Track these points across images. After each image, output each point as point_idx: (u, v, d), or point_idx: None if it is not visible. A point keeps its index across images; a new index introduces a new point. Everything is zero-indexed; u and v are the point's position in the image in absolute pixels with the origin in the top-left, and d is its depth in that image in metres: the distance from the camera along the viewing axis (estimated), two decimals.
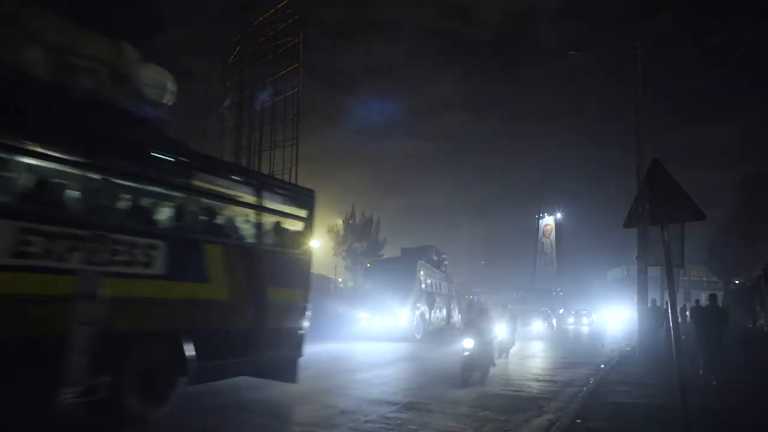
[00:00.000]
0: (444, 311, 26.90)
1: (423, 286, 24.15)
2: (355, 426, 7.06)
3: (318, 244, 33.23)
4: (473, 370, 11.08)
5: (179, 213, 7.39)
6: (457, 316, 29.90)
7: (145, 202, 7.20)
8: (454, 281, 32.52)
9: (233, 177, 8.73)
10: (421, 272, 24.40)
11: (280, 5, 28.32)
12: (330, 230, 41.57)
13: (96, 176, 6.34)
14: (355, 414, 7.75)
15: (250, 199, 8.48)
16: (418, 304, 23.00)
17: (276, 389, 9.02)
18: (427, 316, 23.73)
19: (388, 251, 40.17)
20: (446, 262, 30.75)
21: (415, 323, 22.43)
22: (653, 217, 5.79)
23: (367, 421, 7.34)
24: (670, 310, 5.95)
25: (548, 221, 66.10)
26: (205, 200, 7.82)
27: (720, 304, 13.20)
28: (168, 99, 7.57)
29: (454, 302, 28.92)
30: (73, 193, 6.29)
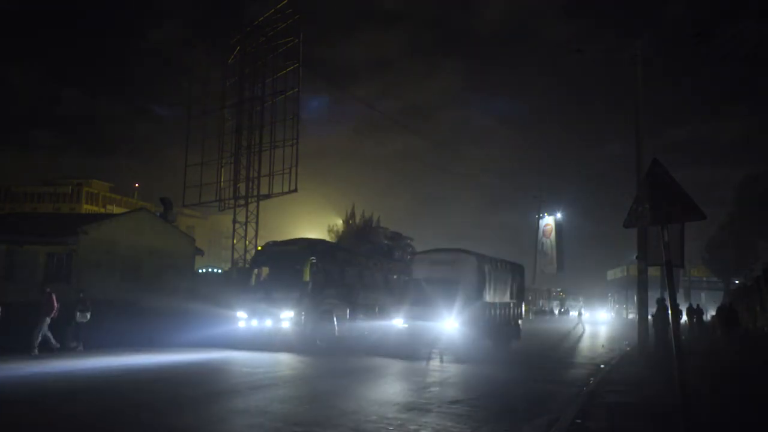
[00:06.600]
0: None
1: (335, 276, 18.42)
2: (355, 426, 7.06)
3: None
4: None
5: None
6: None
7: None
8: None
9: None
10: (325, 259, 18.31)
11: (280, 5, 28.31)
12: (330, 230, 41.59)
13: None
14: (356, 414, 7.75)
15: None
16: (324, 300, 17.53)
17: (276, 390, 9.00)
18: (342, 316, 18.31)
19: None
20: (410, 249, 24.94)
21: (312, 326, 16.78)
22: (653, 217, 5.78)
23: (367, 421, 7.33)
24: (670, 311, 5.94)
25: (548, 221, 66.07)
26: None
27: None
28: None
29: None
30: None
